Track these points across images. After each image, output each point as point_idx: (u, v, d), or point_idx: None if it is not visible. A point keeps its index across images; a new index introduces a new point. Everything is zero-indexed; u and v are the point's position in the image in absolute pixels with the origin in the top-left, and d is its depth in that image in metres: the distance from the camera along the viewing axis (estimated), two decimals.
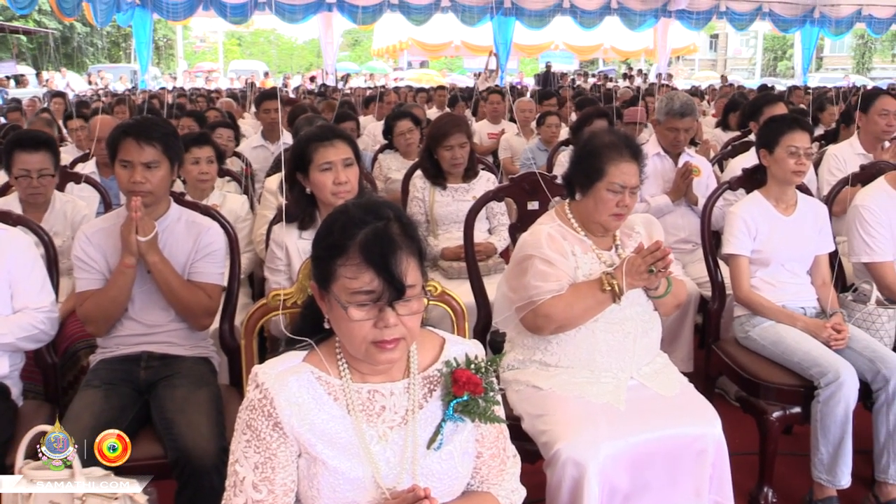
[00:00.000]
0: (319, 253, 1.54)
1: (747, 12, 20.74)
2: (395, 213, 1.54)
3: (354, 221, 1.49)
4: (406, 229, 1.52)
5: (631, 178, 2.36)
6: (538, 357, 2.42)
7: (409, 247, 1.50)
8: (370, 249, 1.46)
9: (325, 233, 1.54)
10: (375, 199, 1.60)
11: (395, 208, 1.56)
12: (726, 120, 6.78)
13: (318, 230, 1.59)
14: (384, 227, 1.49)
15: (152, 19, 18.94)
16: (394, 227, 1.50)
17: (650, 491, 2.20)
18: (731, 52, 44.62)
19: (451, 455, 1.62)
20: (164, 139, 2.56)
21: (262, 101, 5.87)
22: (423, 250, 1.54)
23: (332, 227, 1.52)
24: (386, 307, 1.47)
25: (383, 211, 1.52)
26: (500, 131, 7.18)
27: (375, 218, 1.50)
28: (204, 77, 24.23)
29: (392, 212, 1.54)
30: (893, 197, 3.13)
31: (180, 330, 2.63)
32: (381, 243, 1.46)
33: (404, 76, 26.25)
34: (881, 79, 28.45)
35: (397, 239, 1.48)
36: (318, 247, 1.55)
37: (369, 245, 1.46)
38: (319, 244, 1.55)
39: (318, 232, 1.57)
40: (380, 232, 1.48)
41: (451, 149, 3.77)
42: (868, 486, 2.83)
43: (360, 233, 1.47)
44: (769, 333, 2.91)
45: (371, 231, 1.48)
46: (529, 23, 19.49)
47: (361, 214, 1.50)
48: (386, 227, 1.49)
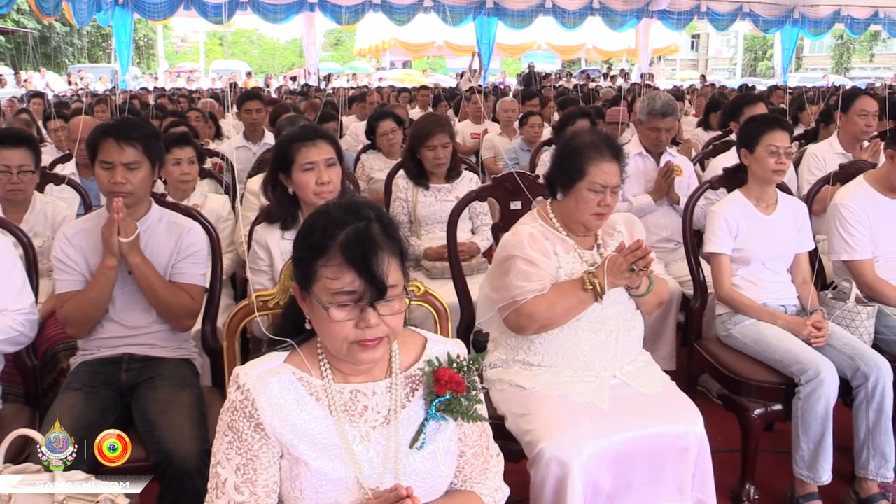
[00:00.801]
0: (300, 253, 1.53)
1: (728, 13, 20.89)
2: (376, 213, 1.54)
3: (335, 222, 1.49)
4: (387, 229, 1.52)
5: (612, 178, 2.37)
6: (521, 356, 2.42)
7: (390, 247, 1.49)
8: (351, 250, 1.45)
9: (305, 233, 1.54)
10: (356, 200, 1.60)
11: (375, 208, 1.56)
12: (707, 119, 6.83)
13: (298, 231, 1.59)
14: (365, 228, 1.48)
15: (133, 19, 18.82)
16: (375, 227, 1.50)
17: (633, 489, 2.21)
18: (713, 52, 44.95)
19: (433, 454, 1.61)
20: (145, 140, 2.54)
21: (244, 101, 5.85)
22: (404, 250, 1.54)
23: (313, 227, 1.51)
24: (367, 307, 1.47)
25: (364, 211, 1.52)
26: (482, 131, 7.19)
27: (356, 218, 1.50)
28: (185, 77, 24.09)
29: (373, 212, 1.53)
30: (872, 195, 3.16)
31: (162, 331, 2.62)
32: (362, 243, 1.46)
33: (387, 76, 26.23)
34: (860, 79, 28.74)
35: (378, 239, 1.48)
36: (298, 247, 1.54)
37: (350, 245, 1.46)
38: (300, 245, 1.54)
39: (299, 232, 1.57)
40: (361, 232, 1.47)
41: (433, 149, 3.76)
42: (848, 481, 2.86)
43: (341, 233, 1.47)
44: (750, 331, 2.93)
45: (352, 231, 1.47)
46: (512, 23, 19.53)
47: (342, 215, 1.50)
48: (367, 228, 1.49)
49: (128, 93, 13.68)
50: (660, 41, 23.14)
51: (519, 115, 6.64)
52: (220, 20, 19.31)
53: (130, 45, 19.45)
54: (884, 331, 2.97)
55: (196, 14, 18.37)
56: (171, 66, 29.66)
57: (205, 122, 6.53)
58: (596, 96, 11.26)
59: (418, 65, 35.83)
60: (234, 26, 35.48)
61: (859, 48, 39.89)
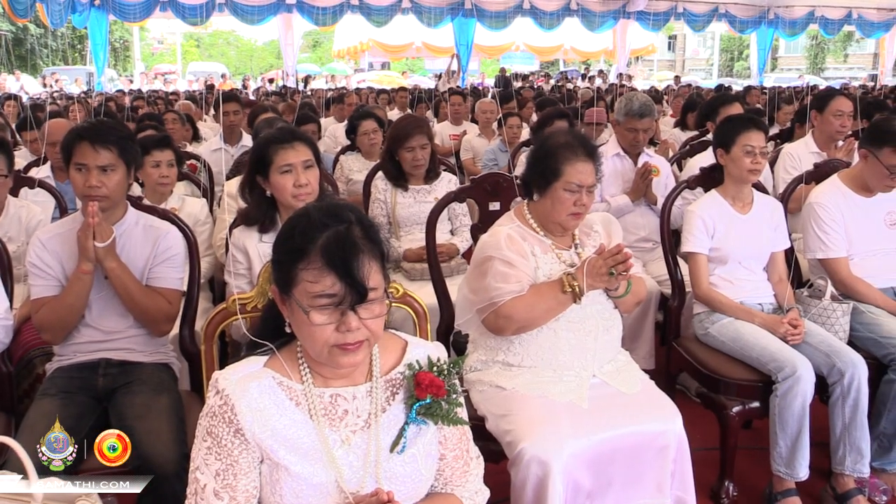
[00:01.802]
0: (280, 257, 1.52)
1: (704, 13, 21.03)
2: (356, 215, 1.53)
3: (315, 225, 1.48)
4: (367, 232, 1.51)
5: (587, 178, 2.38)
6: (501, 357, 2.42)
7: (370, 250, 1.49)
8: (332, 253, 1.45)
9: (285, 236, 1.53)
10: (336, 202, 1.59)
11: (356, 211, 1.55)
12: (684, 120, 6.87)
13: (278, 233, 1.58)
14: (346, 231, 1.48)
15: (108, 20, 18.62)
16: (355, 230, 1.49)
17: (613, 488, 2.22)
18: (689, 52, 45.29)
19: (414, 458, 1.61)
20: (121, 142, 2.52)
21: (222, 102, 5.81)
22: (384, 253, 1.54)
23: (293, 230, 1.51)
24: (348, 311, 1.46)
25: (344, 214, 1.51)
26: (461, 132, 7.20)
27: (337, 221, 1.49)
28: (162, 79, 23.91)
29: (353, 215, 1.53)
30: (847, 194, 3.19)
31: (139, 336, 2.60)
32: (342, 247, 1.45)
33: (365, 77, 26.17)
34: (834, 78, 29.08)
35: (359, 242, 1.48)
36: (278, 250, 1.54)
37: (331, 249, 1.45)
38: (280, 248, 1.53)
39: (279, 235, 1.56)
40: (341, 235, 1.47)
41: (412, 150, 3.76)
42: (825, 477, 2.89)
43: (321, 236, 1.46)
44: (728, 330, 2.95)
45: (332, 234, 1.47)
46: (490, 24, 19.54)
47: (322, 218, 1.49)
48: (347, 231, 1.48)
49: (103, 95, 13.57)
50: (637, 42, 23.25)
51: (497, 117, 6.65)
52: (196, 22, 19.14)
53: (106, 47, 19.24)
54: (859, 328, 3.00)
55: (172, 15, 18.20)
56: (147, 68, 29.43)
57: (182, 124, 6.48)
58: (574, 97, 11.31)
59: (397, 66, 35.80)
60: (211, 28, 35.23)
61: (833, 48, 40.35)
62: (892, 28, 22.15)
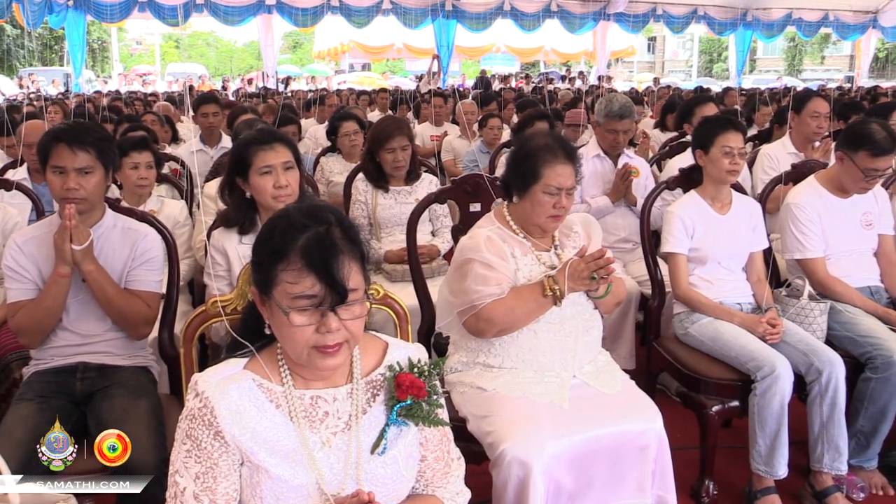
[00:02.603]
0: (260, 258, 1.52)
1: (683, 15, 21.15)
2: (336, 217, 1.52)
3: (295, 226, 1.47)
4: (348, 233, 1.51)
5: (566, 180, 2.39)
6: (482, 359, 2.43)
7: (351, 251, 1.48)
8: (312, 254, 1.44)
9: (265, 237, 1.52)
10: (316, 204, 1.58)
11: (336, 212, 1.55)
12: (664, 121, 6.91)
13: (258, 235, 1.57)
14: (326, 232, 1.47)
15: (86, 21, 18.43)
16: (335, 231, 1.49)
17: (594, 488, 2.23)
18: (669, 54, 45.57)
19: (395, 459, 1.61)
20: (98, 144, 2.49)
21: (200, 104, 5.77)
22: (365, 254, 1.53)
23: (273, 231, 1.50)
24: (328, 312, 1.46)
25: (324, 215, 1.51)
26: (442, 134, 7.20)
27: (317, 222, 1.48)
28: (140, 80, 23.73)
29: (333, 216, 1.52)
30: (823, 195, 3.23)
31: (117, 339, 2.57)
32: (322, 248, 1.45)
33: (346, 79, 26.12)
34: (811, 80, 29.36)
35: (339, 243, 1.47)
36: (258, 252, 1.53)
37: (311, 250, 1.44)
38: (260, 249, 1.52)
39: (259, 236, 1.55)
40: (321, 236, 1.46)
41: (392, 151, 3.76)
42: (804, 475, 2.92)
43: (301, 237, 1.46)
44: (707, 329, 2.97)
45: (312, 236, 1.46)
46: (470, 25, 19.55)
47: (302, 219, 1.49)
48: (327, 232, 1.48)
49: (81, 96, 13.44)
50: (617, 43, 23.34)
51: (478, 118, 6.66)
52: (175, 22, 19.04)
53: (84, 48, 19.04)
54: (836, 327, 3.03)
55: (151, 16, 18.03)
56: (126, 69, 29.21)
57: (161, 125, 6.43)
58: (555, 98, 11.34)
59: (378, 67, 35.76)
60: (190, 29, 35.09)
61: (810, 50, 40.74)
62: (867, 30, 22.40)
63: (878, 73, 30.82)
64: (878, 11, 21.69)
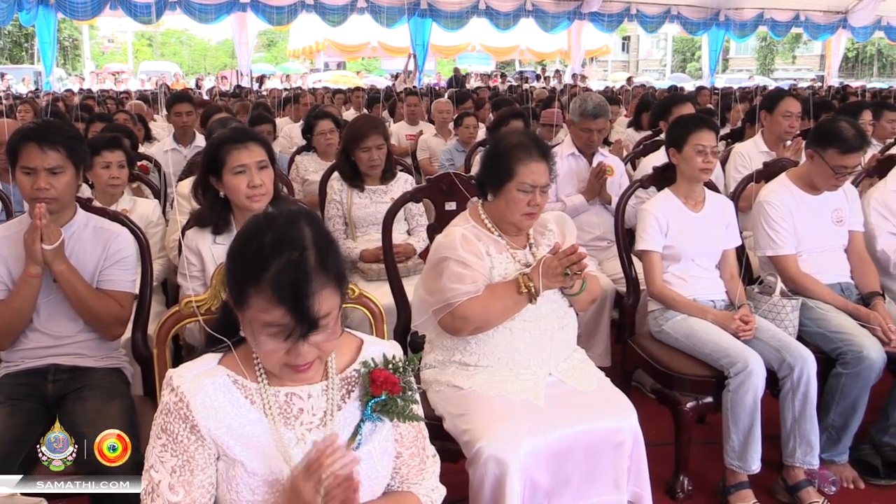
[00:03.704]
0: (232, 274, 1.48)
1: (657, 15, 21.30)
2: (312, 233, 1.46)
3: (266, 252, 1.42)
4: (324, 256, 1.44)
5: (540, 178, 2.39)
6: (458, 357, 2.43)
7: (325, 277, 1.43)
8: (282, 287, 1.39)
9: (237, 255, 1.47)
10: (291, 222, 1.48)
11: (314, 226, 1.49)
12: (639, 120, 6.95)
13: (230, 247, 1.51)
14: (299, 260, 1.41)
15: (57, 18, 18.20)
16: (310, 256, 1.42)
17: (570, 485, 2.24)
18: (643, 53, 45.89)
19: (370, 455, 1.61)
20: (68, 143, 2.46)
21: (174, 103, 5.72)
22: (341, 273, 1.48)
23: (245, 251, 1.45)
24: (299, 340, 1.43)
25: (298, 238, 1.44)
26: (417, 132, 7.19)
27: (290, 248, 1.42)
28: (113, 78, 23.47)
29: (310, 232, 1.46)
30: (795, 193, 3.26)
31: (90, 340, 2.54)
32: (294, 280, 1.40)
33: (321, 77, 26.00)
34: (783, 79, 29.69)
35: (312, 273, 1.41)
36: (230, 266, 1.49)
37: (282, 282, 1.39)
38: (232, 265, 1.48)
39: (231, 250, 1.50)
40: (293, 266, 1.40)
41: (368, 150, 3.75)
42: (777, 470, 2.95)
43: (272, 265, 1.40)
44: (681, 327, 2.99)
45: (284, 265, 1.40)
46: (446, 24, 19.55)
47: (276, 244, 1.42)
48: (300, 260, 1.41)
49: (52, 94, 13.28)
50: (591, 43, 23.48)
51: (453, 117, 6.66)
52: (148, 20, 18.82)
53: (55, 46, 18.82)
54: (807, 323, 3.07)
55: (123, 14, 17.82)
56: (98, 67, 28.88)
57: (133, 124, 6.37)
58: (530, 97, 11.37)
59: (353, 66, 35.65)
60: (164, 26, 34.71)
61: (782, 50, 41.21)
62: (837, 30, 22.71)
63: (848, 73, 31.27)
64: (847, 12, 21.99)
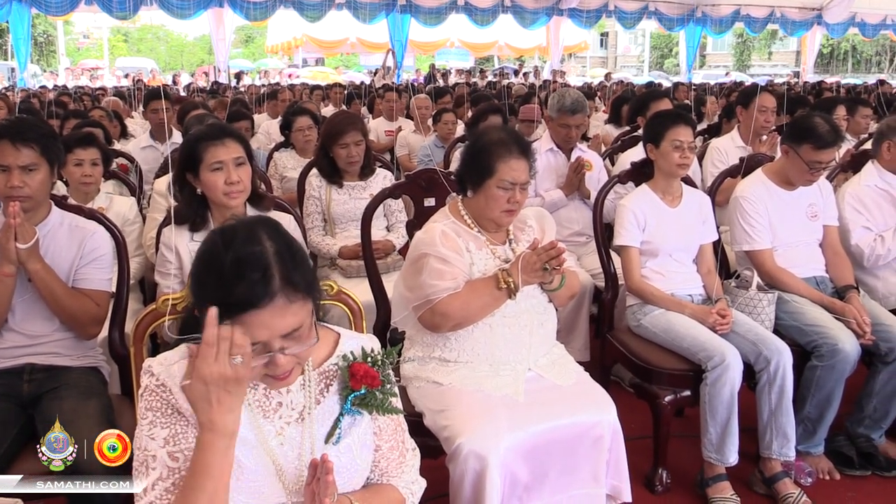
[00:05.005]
0: (197, 296, 1.45)
1: (634, 11, 21.41)
2: (275, 248, 1.42)
3: (226, 274, 1.39)
4: (288, 271, 1.41)
5: (520, 175, 2.40)
6: (437, 353, 2.43)
7: (292, 292, 1.41)
8: (249, 313, 1.38)
9: (199, 279, 1.45)
10: (250, 235, 1.44)
11: (274, 239, 1.44)
12: (617, 115, 6.97)
13: (193, 265, 1.48)
14: (262, 280, 1.38)
15: (31, 14, 17.96)
16: (274, 273, 1.39)
17: (549, 478, 2.25)
18: (621, 49, 46.13)
19: (349, 448, 1.62)
20: (42, 140, 2.44)
21: (150, 100, 5.67)
22: (310, 282, 1.46)
23: (207, 276, 1.42)
24: (276, 354, 1.43)
25: (260, 257, 1.40)
26: (396, 129, 7.18)
27: (251, 269, 1.39)
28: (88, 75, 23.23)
29: (272, 247, 1.42)
30: (770, 188, 3.29)
31: (66, 339, 2.52)
32: (256, 304, 1.38)
33: (300, 73, 25.88)
34: (759, 75, 29.92)
35: (278, 293, 1.39)
36: (194, 288, 1.46)
37: (248, 308, 1.38)
38: (196, 287, 1.46)
39: (194, 271, 1.47)
40: (257, 289, 1.38)
41: (346, 147, 3.74)
42: (754, 462, 2.98)
43: (236, 290, 1.37)
44: (659, 321, 3.01)
45: (247, 290, 1.38)
46: (425, 20, 19.54)
47: (236, 267, 1.39)
48: (264, 279, 1.38)
49: (26, 91, 13.12)
50: (570, 39, 23.53)
51: (432, 113, 6.66)
52: (124, 16, 18.62)
53: (29, 42, 18.57)
54: (783, 316, 3.10)
55: (98, 9, 17.65)
56: (73, 64, 28.58)
57: (109, 121, 6.30)
58: (509, 93, 11.38)
59: (332, 62, 35.51)
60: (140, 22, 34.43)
61: (758, 46, 41.58)
62: (812, 27, 22.93)
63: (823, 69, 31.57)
64: (822, 8, 22.23)
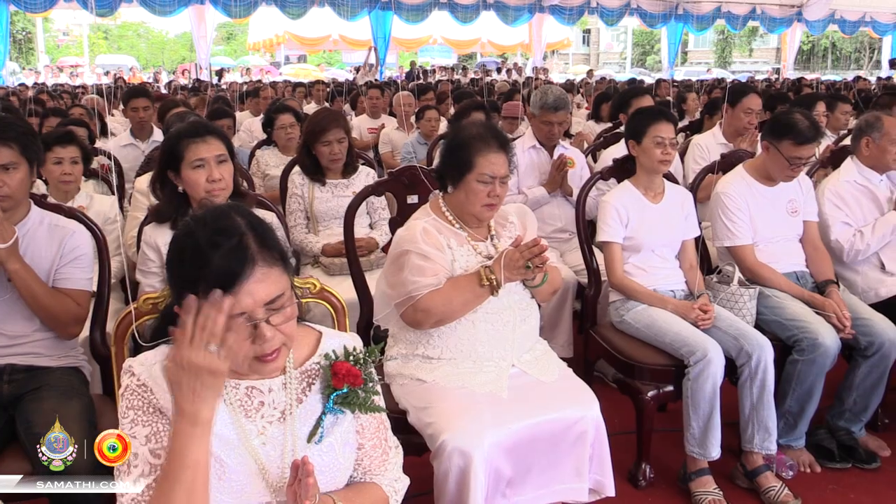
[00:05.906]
0: (175, 283, 1.47)
1: (616, 8, 21.47)
2: (246, 222, 1.46)
3: (204, 248, 1.41)
4: (262, 238, 1.45)
5: (500, 168, 2.40)
6: (421, 350, 2.43)
7: (269, 256, 1.44)
8: (227, 280, 1.40)
9: (176, 261, 1.47)
10: (220, 214, 1.48)
11: (245, 215, 1.49)
12: (598, 112, 7.00)
13: (167, 255, 1.50)
14: (238, 247, 1.41)
15: (9, 11, 17.78)
16: (249, 241, 1.43)
17: (532, 474, 2.26)
18: (604, 46, 46.24)
19: (332, 447, 1.62)
20: (21, 139, 2.42)
21: (131, 98, 5.62)
22: (283, 252, 1.49)
23: (183, 255, 1.44)
24: (261, 324, 1.44)
25: (233, 226, 1.44)
26: (379, 126, 7.17)
27: (226, 236, 1.42)
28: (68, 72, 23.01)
29: (244, 221, 1.46)
30: (751, 184, 3.31)
31: (46, 340, 2.49)
32: (236, 270, 1.40)
33: (282, 71, 25.77)
34: (740, 72, 30.12)
35: (255, 256, 1.42)
36: (171, 277, 1.48)
37: (226, 276, 1.40)
38: (173, 272, 1.47)
39: (169, 258, 1.49)
40: (235, 251, 1.41)
41: (329, 144, 3.72)
42: (736, 456, 3.00)
43: (213, 257, 1.40)
44: (642, 317, 3.03)
45: (226, 254, 1.40)
46: (407, 17, 19.49)
47: (210, 236, 1.42)
48: (239, 246, 1.41)
49: (5, 89, 12.99)
50: (552, 36, 23.57)
51: (415, 110, 6.65)
52: (104, 13, 18.43)
53: (7, 39, 18.38)
54: (764, 311, 3.12)
55: (78, 6, 17.51)
56: (52, 61, 28.31)
57: (90, 119, 6.25)
58: (492, 90, 11.39)
59: (314, 59, 35.38)
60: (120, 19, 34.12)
61: (739, 43, 41.82)
62: (793, 24, 23.10)
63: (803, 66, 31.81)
64: (802, 6, 22.38)
